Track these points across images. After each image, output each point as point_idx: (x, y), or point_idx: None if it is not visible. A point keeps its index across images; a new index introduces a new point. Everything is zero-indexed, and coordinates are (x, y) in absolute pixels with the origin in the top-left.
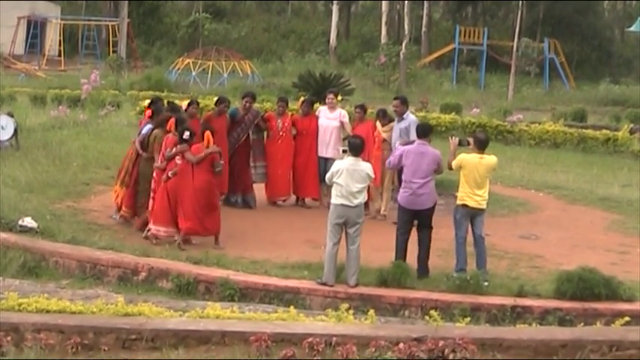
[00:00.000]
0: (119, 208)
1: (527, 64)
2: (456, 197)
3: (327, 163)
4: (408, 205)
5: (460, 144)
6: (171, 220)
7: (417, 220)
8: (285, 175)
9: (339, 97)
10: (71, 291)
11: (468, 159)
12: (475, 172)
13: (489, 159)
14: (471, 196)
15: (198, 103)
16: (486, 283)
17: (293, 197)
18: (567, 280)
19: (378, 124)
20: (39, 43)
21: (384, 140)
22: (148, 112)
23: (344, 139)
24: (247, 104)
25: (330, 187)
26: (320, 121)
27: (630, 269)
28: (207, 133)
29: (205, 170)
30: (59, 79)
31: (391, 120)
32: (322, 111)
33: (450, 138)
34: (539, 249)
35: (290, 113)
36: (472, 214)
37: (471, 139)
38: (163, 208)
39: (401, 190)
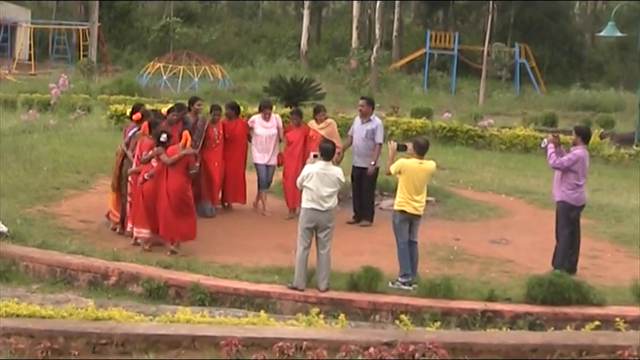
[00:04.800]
0: (108, 213)
1: (498, 69)
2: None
3: (267, 169)
4: (581, 202)
5: (398, 149)
6: (147, 221)
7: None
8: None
9: (274, 110)
10: (41, 295)
11: (408, 164)
12: (414, 177)
13: (428, 164)
14: (409, 201)
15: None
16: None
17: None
18: (538, 284)
19: (312, 122)
20: (9, 47)
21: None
22: (136, 115)
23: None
24: (199, 107)
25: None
26: (258, 131)
27: (601, 273)
28: (185, 133)
29: (179, 172)
30: (29, 83)
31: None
32: (257, 120)
33: (388, 142)
34: (509, 253)
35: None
36: (410, 220)
37: (409, 144)
38: (140, 210)
39: (569, 192)
